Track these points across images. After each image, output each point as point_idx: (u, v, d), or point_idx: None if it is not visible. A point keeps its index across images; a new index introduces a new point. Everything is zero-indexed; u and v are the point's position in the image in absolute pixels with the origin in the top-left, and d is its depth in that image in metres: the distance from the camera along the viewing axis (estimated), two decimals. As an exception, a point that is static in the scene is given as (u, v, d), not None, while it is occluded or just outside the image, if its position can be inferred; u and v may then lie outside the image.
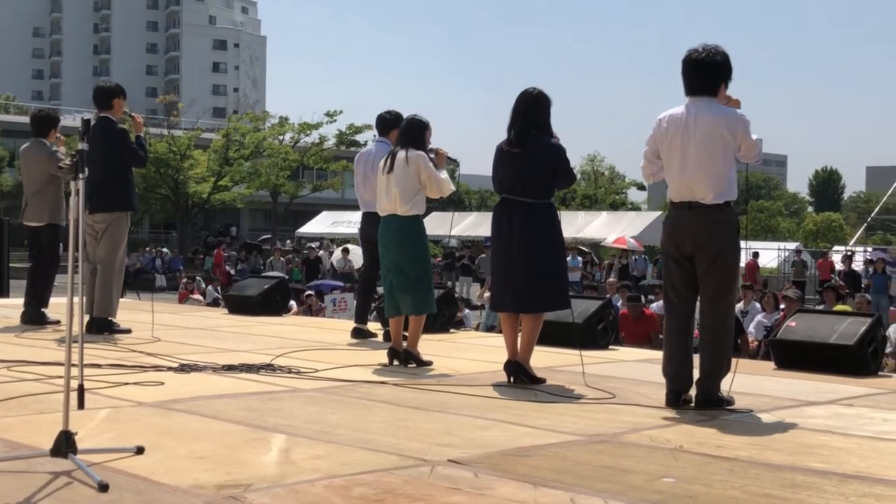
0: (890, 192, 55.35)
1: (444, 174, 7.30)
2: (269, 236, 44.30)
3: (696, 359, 5.53)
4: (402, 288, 7.14)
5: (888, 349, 11.05)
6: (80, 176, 3.94)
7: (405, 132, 7.32)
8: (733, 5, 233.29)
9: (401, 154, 7.16)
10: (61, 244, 9.43)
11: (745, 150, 5.50)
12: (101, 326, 8.64)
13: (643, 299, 14.53)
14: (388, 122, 8.81)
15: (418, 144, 7.22)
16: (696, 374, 5.52)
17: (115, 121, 8.87)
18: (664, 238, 5.65)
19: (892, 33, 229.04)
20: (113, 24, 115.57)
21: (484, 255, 28.44)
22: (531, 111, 6.36)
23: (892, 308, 14.90)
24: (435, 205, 7.47)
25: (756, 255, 32.06)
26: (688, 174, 5.45)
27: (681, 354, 5.50)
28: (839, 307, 14.12)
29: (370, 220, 8.69)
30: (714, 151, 5.41)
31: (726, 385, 5.54)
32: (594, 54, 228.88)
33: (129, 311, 10.10)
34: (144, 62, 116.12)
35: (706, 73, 5.49)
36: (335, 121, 49.57)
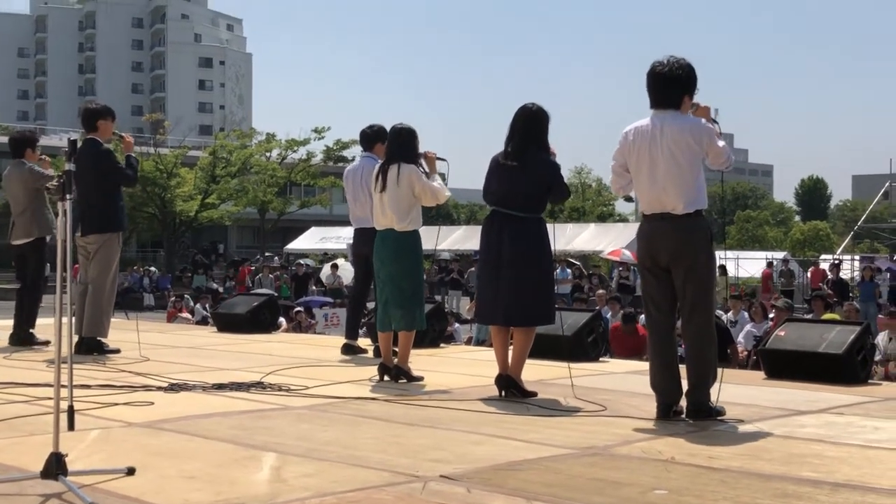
0: (876, 200, 55.59)
1: (437, 181, 7.23)
2: (259, 257, 43.83)
3: (683, 369, 5.55)
4: (397, 303, 7.11)
5: (877, 357, 11.09)
6: (68, 196, 3.93)
7: (394, 143, 7.21)
8: (720, 16, 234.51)
9: (392, 172, 7.08)
10: (49, 264, 9.41)
11: (712, 158, 5.54)
12: (91, 347, 8.62)
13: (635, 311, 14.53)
14: (371, 137, 8.80)
15: (410, 155, 7.14)
16: (684, 384, 5.53)
17: (100, 142, 8.85)
18: (640, 251, 5.69)
19: (877, 43, 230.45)
20: (98, 43, 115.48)
21: (473, 269, 28.42)
22: (529, 126, 6.37)
23: (880, 316, 14.91)
24: (423, 217, 7.41)
25: (770, 264, 32.15)
26: (657, 185, 5.49)
27: (667, 367, 5.52)
28: (828, 316, 14.17)
29: (361, 235, 8.70)
30: (682, 161, 5.45)
31: (715, 395, 5.55)
32: (581, 66, 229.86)
33: (118, 330, 10.05)
34: (130, 81, 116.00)
35: (669, 85, 5.53)
36: (323, 137, 49.68)
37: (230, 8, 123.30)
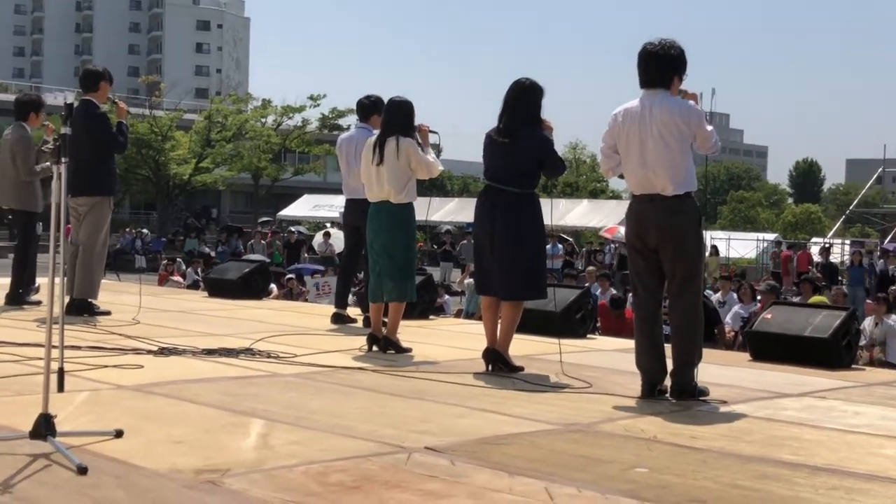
0: (869, 184, 55.74)
1: (430, 154, 7.23)
2: (262, 223, 42.93)
3: (669, 348, 5.59)
4: (390, 274, 7.14)
5: (862, 342, 11.16)
6: (63, 160, 3.95)
7: (391, 116, 7.18)
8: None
9: (390, 144, 7.06)
10: (40, 223, 9.41)
11: (700, 141, 5.56)
12: (81, 308, 8.63)
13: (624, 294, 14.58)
14: (368, 108, 8.78)
15: (407, 128, 7.12)
16: (669, 363, 5.58)
17: (97, 104, 8.84)
18: (628, 231, 5.72)
19: (873, 27, 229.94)
20: (95, 2, 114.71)
21: (465, 242, 28.47)
22: (522, 101, 6.37)
23: (868, 301, 14.99)
24: (418, 189, 7.42)
25: (791, 246, 31.95)
26: (647, 167, 5.51)
27: (652, 347, 5.57)
28: (815, 298, 14.25)
29: (353, 206, 8.69)
30: (671, 143, 5.47)
31: (700, 376, 5.60)
32: (577, 41, 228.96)
33: (109, 292, 10.08)
34: (127, 41, 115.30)
35: (660, 65, 5.55)
36: (318, 105, 49.55)
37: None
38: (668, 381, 5.58)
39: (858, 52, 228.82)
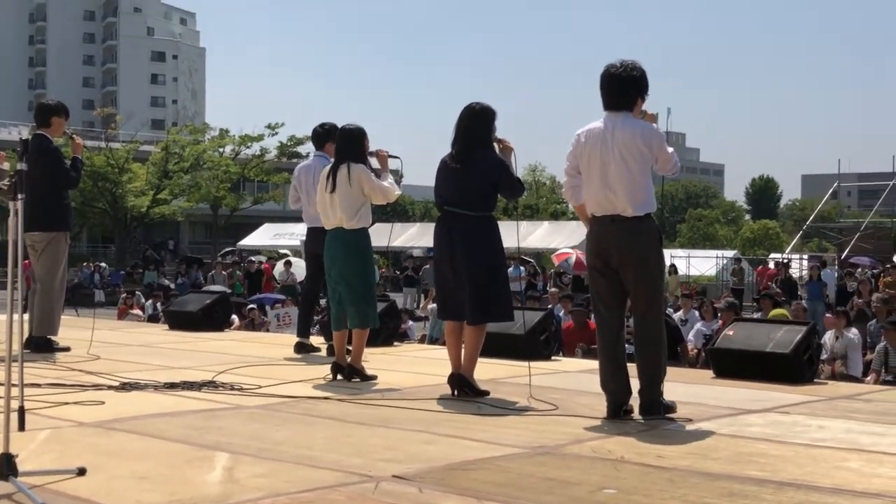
0: (825, 199, 56.40)
1: (388, 179, 7.26)
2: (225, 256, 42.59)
3: (633, 368, 5.61)
4: (350, 300, 7.13)
5: (824, 356, 11.27)
6: (20, 197, 3.91)
7: (342, 144, 7.23)
8: (672, 13, 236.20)
9: (342, 171, 7.09)
10: None
11: (661, 163, 5.63)
12: (40, 345, 8.53)
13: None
14: (322, 136, 8.82)
15: (358, 155, 7.17)
16: (634, 382, 5.60)
17: (49, 139, 8.75)
18: (589, 252, 5.74)
19: (826, 42, 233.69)
20: (49, 35, 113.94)
21: (428, 266, 28.48)
22: (473, 126, 6.40)
23: (827, 315, 15.16)
24: (377, 214, 7.41)
25: (777, 264, 31.78)
26: (608, 187, 5.56)
27: (616, 367, 5.60)
28: (776, 312, 14.38)
29: (314, 234, 8.68)
30: (632, 164, 5.52)
31: (665, 394, 5.62)
32: (535, 63, 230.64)
33: (68, 328, 9.95)
34: (81, 74, 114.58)
35: (623, 87, 5.61)
36: (277, 133, 49.46)
37: (183, 2, 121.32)
38: (633, 401, 5.61)
39: (811, 69, 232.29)
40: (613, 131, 5.55)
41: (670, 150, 5.66)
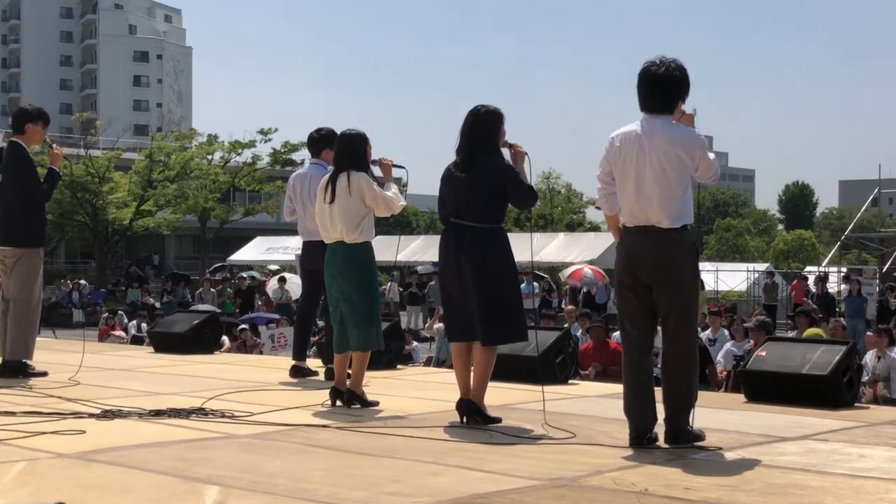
0: (864, 207, 56.26)
1: (392, 189, 7.22)
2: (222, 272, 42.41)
3: (660, 392, 5.61)
4: (352, 320, 7.11)
5: (865, 378, 11.25)
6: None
7: (342, 150, 7.20)
8: (697, 11, 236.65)
9: (342, 180, 7.07)
10: None
11: (702, 171, 5.60)
12: (15, 370, 8.55)
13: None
14: (318, 142, 8.82)
15: (359, 163, 7.14)
16: (660, 408, 5.59)
17: (23, 146, 8.77)
18: (619, 265, 5.72)
19: (866, 38, 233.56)
20: (23, 34, 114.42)
21: (434, 283, 28.49)
22: (478, 131, 6.40)
23: (868, 333, 15.11)
24: (378, 227, 7.41)
25: (805, 277, 31.65)
26: (643, 197, 5.53)
27: (643, 390, 5.58)
28: (811, 332, 14.34)
29: (310, 249, 8.70)
30: (671, 173, 5.49)
31: (692, 419, 5.61)
32: (550, 67, 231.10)
33: (45, 350, 9.99)
34: (58, 76, 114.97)
35: (664, 88, 5.58)
36: (270, 139, 49.57)
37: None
38: (658, 428, 5.59)
39: (849, 66, 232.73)
40: (651, 136, 5.51)
41: (712, 156, 5.61)
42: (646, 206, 5.53)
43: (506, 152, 6.51)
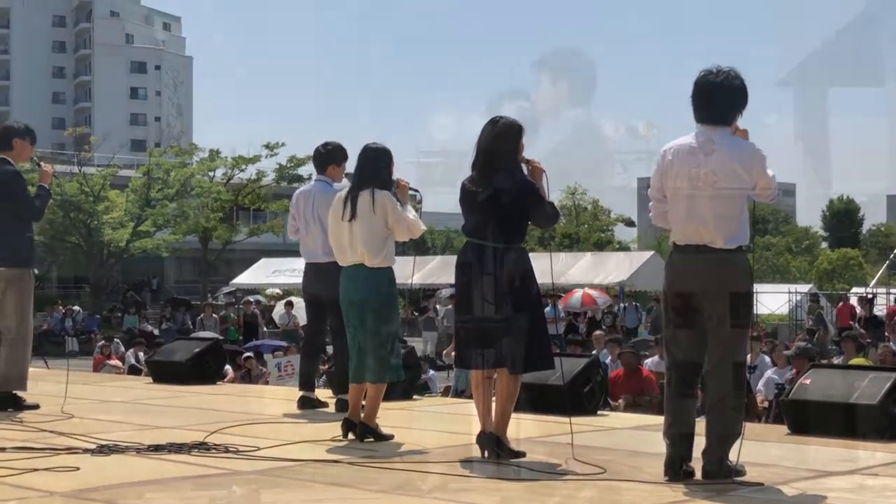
0: (914, 223, 55.97)
1: (411, 212, 7.22)
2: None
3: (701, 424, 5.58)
4: (371, 349, 7.08)
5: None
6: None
7: (365, 165, 7.15)
8: (732, 16, 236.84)
9: (364, 197, 7.03)
10: None
11: (760, 189, 5.56)
12: (5, 402, 8.57)
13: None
14: (325, 157, 8.79)
15: (384, 180, 7.12)
16: (700, 440, 5.56)
17: (11, 162, 8.82)
18: (667, 286, 5.69)
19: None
20: (13, 44, 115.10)
21: (450, 307, 28.48)
22: (495, 145, 6.39)
23: (920, 359, 15.01)
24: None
25: (846, 298, 31.53)
26: (695, 215, 5.51)
27: (685, 416, 5.55)
28: (857, 360, 14.24)
29: (313, 272, 8.66)
30: (726, 191, 5.46)
31: (734, 453, 5.58)
32: (572, 69, 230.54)
33: (37, 381, 10.00)
34: (51, 89, 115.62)
35: (722, 98, 5.56)
36: (275, 154, 49.67)
37: (166, 4, 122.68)
38: (695, 462, 5.56)
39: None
40: (707, 151, 5.51)
41: (771, 173, 5.57)
42: (698, 225, 5.51)
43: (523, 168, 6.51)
